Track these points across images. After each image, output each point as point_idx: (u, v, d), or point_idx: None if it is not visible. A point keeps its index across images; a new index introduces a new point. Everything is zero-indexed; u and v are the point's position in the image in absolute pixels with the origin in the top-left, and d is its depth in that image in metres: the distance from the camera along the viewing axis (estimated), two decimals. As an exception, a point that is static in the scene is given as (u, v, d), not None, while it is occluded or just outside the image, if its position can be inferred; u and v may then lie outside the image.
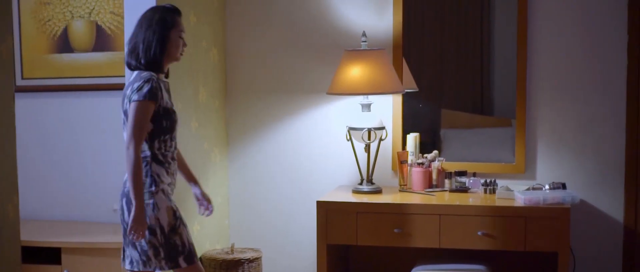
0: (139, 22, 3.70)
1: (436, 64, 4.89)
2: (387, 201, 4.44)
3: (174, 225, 3.65)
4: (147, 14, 3.70)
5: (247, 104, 5.04)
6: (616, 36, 4.58)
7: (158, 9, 3.71)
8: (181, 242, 3.66)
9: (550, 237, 4.23)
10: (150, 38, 3.63)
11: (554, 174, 4.70)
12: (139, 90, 3.56)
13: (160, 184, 3.65)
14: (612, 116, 4.63)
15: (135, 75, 3.66)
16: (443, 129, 4.96)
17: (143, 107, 3.56)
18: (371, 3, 4.83)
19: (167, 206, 3.64)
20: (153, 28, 3.64)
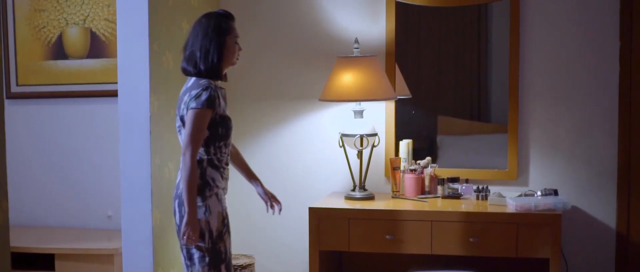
0: (194, 29, 3.76)
1: (433, 70, 4.91)
2: (379, 207, 4.46)
3: (221, 231, 3.71)
4: (201, 21, 3.76)
5: (240, 111, 5.05)
6: (608, 43, 4.60)
7: (212, 15, 3.77)
8: (224, 250, 3.72)
9: (542, 243, 4.24)
10: (208, 45, 3.70)
11: (546, 181, 4.71)
12: (197, 98, 3.64)
13: (215, 188, 3.71)
14: (604, 123, 4.64)
15: (193, 81, 3.72)
16: (440, 136, 4.98)
17: (201, 114, 3.63)
18: (364, 10, 4.85)
19: (219, 211, 3.70)
20: (209, 36, 3.70)
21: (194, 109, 3.64)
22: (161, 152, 4.36)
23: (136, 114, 4.26)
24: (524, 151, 4.73)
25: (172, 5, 4.45)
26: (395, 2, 4.79)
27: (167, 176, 4.42)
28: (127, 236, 4.34)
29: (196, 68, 3.71)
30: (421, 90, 4.91)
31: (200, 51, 3.70)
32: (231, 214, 5.05)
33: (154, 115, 4.29)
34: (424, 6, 4.76)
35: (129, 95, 4.27)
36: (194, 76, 3.74)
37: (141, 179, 4.27)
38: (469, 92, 4.90)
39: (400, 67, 4.85)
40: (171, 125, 4.46)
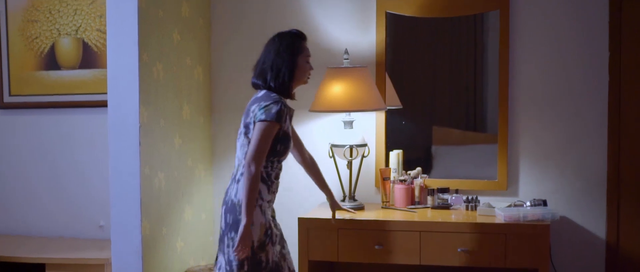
0: (267, 47, 3.82)
1: (428, 81, 4.92)
2: (368, 217, 4.46)
3: (263, 242, 3.74)
4: (274, 40, 3.83)
5: (232, 121, 5.06)
6: (598, 53, 4.61)
7: (285, 34, 3.84)
8: (266, 259, 3.75)
9: (530, 253, 4.24)
10: (279, 64, 3.76)
11: (536, 191, 4.72)
12: (267, 110, 3.69)
13: (259, 200, 3.73)
14: (594, 133, 4.65)
15: (264, 93, 3.78)
16: (434, 146, 4.98)
17: (269, 127, 3.68)
18: (355, 21, 4.86)
19: (262, 223, 3.73)
20: (281, 55, 3.77)
21: (263, 122, 3.69)
22: (151, 162, 4.37)
23: (125, 125, 4.27)
24: (514, 162, 4.74)
25: (162, 17, 4.47)
26: (385, 13, 4.81)
27: (156, 186, 4.44)
28: (116, 246, 4.35)
29: (266, 84, 3.78)
30: (416, 100, 4.93)
31: (271, 69, 3.77)
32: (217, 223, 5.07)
33: (144, 125, 4.30)
34: (415, 17, 4.78)
35: (119, 105, 4.29)
36: (263, 90, 3.79)
37: (130, 189, 4.29)
38: (464, 102, 4.91)
39: (394, 77, 4.87)
40: (161, 135, 4.49)
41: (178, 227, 4.67)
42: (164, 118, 4.51)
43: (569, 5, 4.64)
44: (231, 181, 3.80)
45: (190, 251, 4.80)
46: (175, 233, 4.64)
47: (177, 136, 4.65)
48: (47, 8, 5.28)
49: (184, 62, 4.72)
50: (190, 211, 4.80)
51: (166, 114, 4.53)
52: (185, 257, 4.74)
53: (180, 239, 4.68)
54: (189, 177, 4.80)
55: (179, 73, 4.66)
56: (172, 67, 4.57)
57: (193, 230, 4.84)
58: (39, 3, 5.29)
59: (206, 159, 5.01)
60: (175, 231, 4.63)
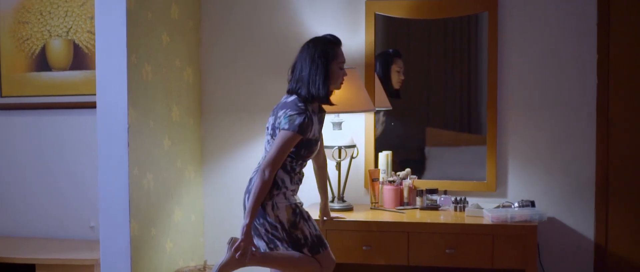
0: (302, 52, 3.92)
1: (422, 82, 4.93)
2: (356, 218, 4.48)
3: (294, 221, 3.92)
4: (309, 46, 3.92)
5: (222, 122, 5.08)
6: (586, 56, 4.63)
7: (320, 40, 3.93)
8: (303, 236, 3.93)
9: (517, 254, 4.26)
10: (314, 73, 3.86)
11: (525, 192, 4.73)
12: (291, 121, 3.80)
13: (283, 188, 3.89)
14: (582, 135, 4.67)
15: (293, 100, 3.88)
16: (428, 147, 5.00)
17: (290, 138, 3.80)
18: (344, 22, 4.88)
19: (286, 206, 3.90)
20: (316, 62, 3.87)
21: (285, 131, 3.80)
22: (140, 163, 4.39)
23: (114, 126, 4.29)
24: (503, 163, 4.76)
25: (151, 19, 4.48)
26: (374, 14, 4.83)
27: (146, 187, 4.45)
28: (105, 246, 4.37)
29: (303, 91, 3.87)
30: (409, 101, 4.94)
31: (308, 76, 3.86)
32: (213, 224, 5.10)
33: (133, 126, 4.32)
34: (407, 19, 4.80)
35: (107, 107, 4.31)
36: (297, 96, 3.88)
37: (119, 190, 4.30)
38: (458, 103, 4.92)
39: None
40: (150, 136, 4.51)
41: (167, 228, 4.68)
42: (153, 119, 4.52)
43: (557, 7, 4.65)
44: (255, 171, 3.94)
45: (179, 252, 4.81)
46: (165, 234, 4.66)
47: (167, 137, 4.67)
48: (38, 9, 5.29)
49: (173, 64, 4.74)
50: (180, 212, 4.81)
51: (155, 116, 4.54)
52: (175, 258, 4.76)
53: (169, 240, 4.70)
54: (179, 179, 4.82)
55: (168, 74, 4.68)
56: (161, 68, 4.59)
57: (183, 231, 4.85)
58: (30, 4, 5.31)
59: (196, 160, 5.02)
60: (164, 232, 4.65)
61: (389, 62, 4.86)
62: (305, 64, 3.89)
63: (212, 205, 5.12)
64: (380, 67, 4.87)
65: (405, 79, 4.92)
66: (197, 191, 5.04)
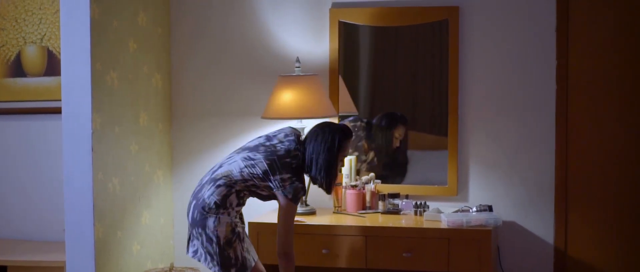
0: (318, 135, 4.07)
1: (409, 88, 5.00)
2: (317, 222, 4.57)
3: (230, 239, 4.00)
4: (327, 131, 4.06)
5: (193, 127, 5.18)
6: (546, 62, 4.70)
7: (337, 131, 4.07)
8: (234, 256, 4.00)
9: (472, 258, 4.34)
10: (329, 162, 4.03)
11: (486, 197, 4.81)
12: (295, 192, 4.01)
13: (229, 208, 4.02)
14: (542, 140, 4.74)
15: (300, 167, 4.06)
16: (409, 150, 5.07)
17: (294, 209, 4.06)
18: (310, 31, 4.97)
19: (227, 222, 3.98)
20: (332, 152, 4.04)
21: (290, 202, 4.02)
22: (105, 168, 4.49)
23: (78, 131, 4.40)
24: (464, 167, 4.84)
25: (116, 26, 4.59)
26: (338, 22, 4.92)
27: (111, 191, 4.56)
28: (70, 249, 4.48)
29: (312, 171, 4.05)
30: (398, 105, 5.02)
31: (322, 163, 4.03)
32: (184, 227, 5.19)
33: (97, 132, 4.42)
34: (374, 26, 4.89)
35: (72, 113, 4.42)
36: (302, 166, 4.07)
37: (83, 193, 4.41)
38: (429, 107, 4.99)
39: (357, 85, 4.99)
40: (116, 141, 4.61)
41: (134, 231, 4.78)
42: (119, 125, 4.62)
43: (517, 15, 4.73)
44: (211, 182, 4.04)
45: (147, 254, 4.91)
46: (131, 237, 4.76)
47: (133, 142, 4.77)
48: (13, 17, 5.42)
49: (141, 70, 4.84)
50: (148, 215, 4.91)
51: (121, 121, 4.64)
52: (143, 260, 4.86)
53: (136, 243, 4.80)
54: (147, 183, 4.92)
55: (136, 81, 4.78)
56: (127, 75, 4.69)
57: (151, 234, 4.95)
58: (5, 12, 5.43)
59: (165, 165, 5.12)
60: (131, 235, 4.75)
61: (393, 125, 4.96)
62: (320, 150, 4.03)
63: (183, 208, 5.20)
64: (385, 126, 4.96)
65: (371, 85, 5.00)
66: (166, 194, 5.14)
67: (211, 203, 3.99)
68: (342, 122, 4.21)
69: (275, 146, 4.08)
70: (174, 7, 5.13)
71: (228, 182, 4.02)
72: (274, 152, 4.05)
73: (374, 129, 4.99)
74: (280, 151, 4.06)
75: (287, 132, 4.15)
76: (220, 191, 4.01)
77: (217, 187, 4.02)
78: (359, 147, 4.99)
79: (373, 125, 4.99)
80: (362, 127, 5.00)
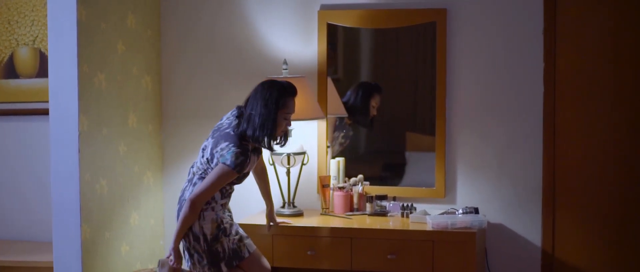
0: (256, 92, 4.06)
1: (409, 89, 5.02)
2: (304, 224, 4.58)
3: (217, 235, 4.07)
4: (264, 87, 4.05)
5: (183, 128, 5.20)
6: (533, 64, 4.71)
7: (275, 86, 4.04)
8: (222, 250, 4.08)
9: (457, 261, 4.34)
10: (263, 119, 3.98)
11: (473, 199, 4.82)
12: (232, 157, 3.94)
13: (213, 203, 4.07)
14: (529, 142, 4.74)
15: (237, 135, 4.00)
16: (407, 152, 5.08)
17: (228, 174, 3.98)
18: (298, 33, 4.99)
19: (213, 219, 4.04)
20: (269, 107, 3.99)
21: (226, 166, 3.96)
22: (92, 169, 4.53)
23: (66, 133, 4.44)
24: (452, 170, 4.84)
25: (105, 28, 4.62)
26: (327, 24, 4.93)
27: (98, 192, 4.59)
28: (57, 249, 4.51)
29: (249, 131, 4.00)
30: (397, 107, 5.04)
31: (258, 118, 3.99)
32: (172, 224, 5.22)
33: (84, 133, 4.46)
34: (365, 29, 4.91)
35: (59, 114, 4.46)
36: (240, 128, 4.03)
37: (70, 194, 4.45)
38: (421, 108, 5.00)
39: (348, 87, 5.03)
40: (104, 142, 4.64)
41: (123, 232, 4.81)
42: (107, 126, 4.65)
43: (505, 18, 4.74)
44: (188, 183, 4.14)
45: (136, 255, 4.94)
46: (120, 237, 4.79)
47: (122, 143, 4.80)
48: (6, 19, 5.46)
49: (130, 72, 4.87)
50: (137, 216, 4.94)
51: (109, 122, 4.67)
52: (131, 261, 4.89)
53: (125, 243, 4.83)
54: (136, 184, 4.95)
55: (124, 83, 4.81)
56: (115, 76, 4.72)
57: (140, 235, 4.98)
58: (-2, 14, 5.49)
59: (155, 166, 5.15)
60: (119, 236, 4.78)
61: (369, 94, 4.96)
62: (256, 106, 4.01)
63: (173, 209, 5.23)
64: (361, 97, 4.97)
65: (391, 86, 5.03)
66: (156, 195, 5.16)
67: None
68: (285, 81, 4.16)
69: (221, 124, 4.13)
70: (164, 9, 5.16)
71: (201, 176, 4.08)
72: (218, 129, 4.11)
73: (349, 97, 5.00)
74: (223, 126, 4.10)
75: (233, 109, 4.18)
76: None
77: (193, 185, 4.09)
78: (343, 125, 5.01)
79: (348, 100, 4.99)
80: None
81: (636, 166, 4.64)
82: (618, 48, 4.63)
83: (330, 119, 5.02)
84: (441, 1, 4.80)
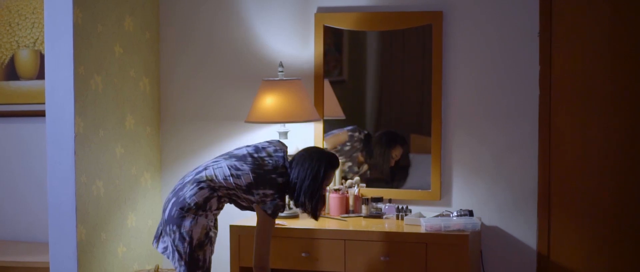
0: (311, 161, 4.10)
1: (414, 91, 5.02)
2: (298, 226, 4.60)
3: (203, 242, 4.06)
4: (315, 158, 4.11)
5: (182, 131, 5.23)
6: (528, 67, 4.71)
7: (324, 159, 4.11)
8: (203, 258, 4.07)
9: (450, 263, 4.35)
10: (313, 190, 4.07)
11: (469, 201, 4.82)
12: (275, 209, 4.07)
13: (208, 211, 4.06)
14: (525, 145, 4.74)
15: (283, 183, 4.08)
16: (411, 154, 5.09)
17: (271, 224, 4.11)
18: (295, 35, 5.01)
19: (203, 225, 4.04)
20: (317, 180, 4.08)
21: (268, 217, 4.07)
22: (88, 171, 4.56)
23: (62, 135, 4.47)
24: (447, 172, 4.85)
25: (102, 31, 4.65)
26: (323, 26, 4.95)
27: (95, 194, 4.62)
28: (54, 250, 4.55)
29: (296, 195, 4.09)
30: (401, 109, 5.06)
31: (307, 189, 4.07)
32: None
33: (80, 135, 4.49)
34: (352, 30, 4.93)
35: (56, 116, 4.48)
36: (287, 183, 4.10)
37: (66, 196, 4.48)
38: (412, 112, 5.02)
39: (352, 90, 5.05)
40: (100, 144, 4.67)
41: (119, 233, 4.85)
42: (104, 128, 4.69)
43: (500, 21, 4.74)
44: (194, 182, 4.08)
45: (134, 256, 4.97)
46: (116, 239, 4.82)
47: (119, 145, 4.83)
48: (7, 21, 5.52)
49: (128, 75, 4.90)
50: (134, 217, 4.97)
51: (106, 125, 4.71)
52: (128, 262, 4.92)
53: (122, 245, 4.86)
54: (134, 186, 4.98)
55: (121, 85, 4.84)
56: (112, 79, 4.75)
57: (137, 236, 5.01)
58: (-1, 16, 5.55)
59: (153, 168, 5.18)
60: (115, 237, 4.81)
61: (391, 146, 4.97)
62: (304, 177, 4.06)
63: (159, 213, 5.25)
64: (383, 148, 4.98)
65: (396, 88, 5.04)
66: (154, 197, 5.19)
67: (192, 203, 4.02)
68: (330, 151, 4.25)
69: (264, 160, 4.09)
70: (163, 12, 5.20)
71: (211, 185, 4.06)
72: (261, 166, 4.07)
73: (372, 144, 5.01)
74: (267, 165, 4.08)
75: (276, 146, 4.16)
76: (203, 193, 4.05)
77: (200, 188, 4.06)
78: (354, 159, 5.01)
79: (372, 139, 5.00)
80: (360, 139, 5.03)
81: (632, 169, 4.63)
82: (614, 51, 4.62)
83: (338, 138, 5.03)
84: (437, 4, 4.81)
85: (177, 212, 4.04)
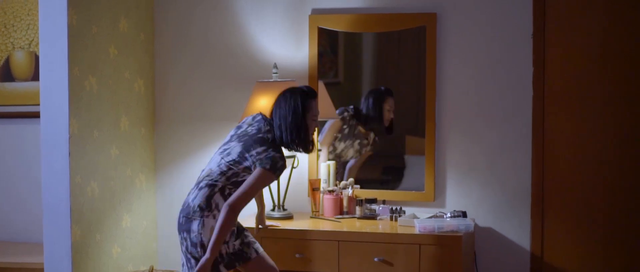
0: (279, 101, 4.09)
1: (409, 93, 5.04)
2: (292, 227, 4.61)
3: None
4: (286, 96, 4.09)
5: (177, 132, 5.25)
6: (522, 68, 4.73)
7: (296, 93, 4.09)
8: (219, 255, 4.02)
9: (443, 264, 4.36)
10: (292, 124, 4.04)
11: (462, 202, 4.83)
12: (274, 162, 3.96)
13: (215, 210, 4.01)
14: (518, 146, 4.76)
15: (271, 139, 4.04)
16: (407, 155, 5.11)
17: (268, 179, 3.97)
18: (289, 36, 5.03)
19: (212, 226, 3.98)
20: (297, 113, 4.04)
21: (264, 170, 3.95)
22: (83, 171, 4.57)
23: (56, 136, 4.48)
24: (441, 173, 4.86)
25: (96, 32, 4.66)
26: (317, 28, 4.96)
27: (89, 194, 4.63)
28: (48, 251, 4.56)
29: (286, 137, 4.04)
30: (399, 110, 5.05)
31: (288, 129, 4.04)
32: (167, 230, 5.26)
33: (74, 136, 4.50)
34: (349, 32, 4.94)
35: (50, 117, 4.50)
36: (271, 133, 4.06)
37: (61, 197, 4.49)
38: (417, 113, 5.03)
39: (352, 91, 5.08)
40: (95, 145, 4.68)
41: (114, 234, 4.86)
42: (98, 129, 4.70)
43: (494, 22, 4.76)
44: (195, 187, 4.08)
45: (128, 257, 4.98)
46: (111, 239, 4.83)
47: (114, 147, 4.84)
48: (2, 22, 5.52)
49: (122, 76, 4.91)
50: (129, 218, 4.99)
51: (101, 126, 4.72)
52: (123, 263, 4.93)
53: (116, 245, 4.87)
54: (129, 187, 4.99)
55: (116, 86, 4.85)
56: (107, 80, 4.77)
57: (132, 237, 5.02)
58: (-6, 18, 5.55)
59: (148, 169, 5.19)
60: (110, 238, 4.82)
61: (381, 99, 4.97)
62: (284, 115, 4.04)
63: (166, 212, 5.28)
64: (372, 105, 4.99)
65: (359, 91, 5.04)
66: (149, 198, 5.20)
67: (195, 206, 4.01)
68: (303, 85, 4.19)
69: (246, 130, 4.11)
70: (158, 13, 5.21)
71: (209, 182, 4.03)
72: (245, 134, 4.09)
73: (363, 109, 5.03)
74: (251, 131, 4.09)
75: (254, 115, 4.19)
76: (203, 192, 4.03)
77: (199, 190, 4.05)
78: (358, 134, 5.03)
79: (361, 108, 5.02)
80: (351, 115, 5.05)
81: (625, 170, 4.65)
82: (607, 52, 4.64)
83: (334, 127, 5.05)
84: (431, 6, 4.83)
85: (184, 219, 4.03)
